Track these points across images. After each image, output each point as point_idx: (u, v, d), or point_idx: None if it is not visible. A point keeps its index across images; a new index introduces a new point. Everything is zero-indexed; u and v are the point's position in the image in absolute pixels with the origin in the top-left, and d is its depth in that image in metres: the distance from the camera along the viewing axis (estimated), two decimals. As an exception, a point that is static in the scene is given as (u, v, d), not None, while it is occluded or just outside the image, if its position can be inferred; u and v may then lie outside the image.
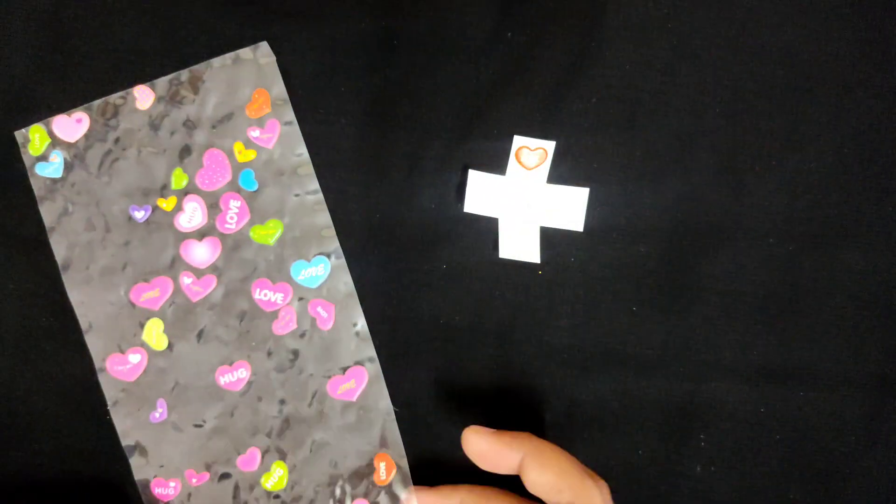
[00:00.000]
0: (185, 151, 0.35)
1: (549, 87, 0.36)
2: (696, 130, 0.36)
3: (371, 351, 0.36)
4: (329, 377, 0.35)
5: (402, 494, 0.35)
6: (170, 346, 0.35)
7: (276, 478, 0.35)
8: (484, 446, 0.31)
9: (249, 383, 0.35)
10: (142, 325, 0.35)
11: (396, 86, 0.37)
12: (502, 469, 0.31)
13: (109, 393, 0.35)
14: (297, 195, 0.35)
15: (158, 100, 0.35)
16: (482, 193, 0.36)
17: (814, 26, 0.36)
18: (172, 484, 0.35)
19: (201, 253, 0.35)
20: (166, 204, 0.35)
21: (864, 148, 0.36)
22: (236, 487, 0.35)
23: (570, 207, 0.36)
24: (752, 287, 0.36)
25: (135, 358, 0.35)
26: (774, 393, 0.37)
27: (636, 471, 0.37)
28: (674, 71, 0.36)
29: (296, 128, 0.35)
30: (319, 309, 0.35)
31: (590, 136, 0.36)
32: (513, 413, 0.37)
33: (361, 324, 0.36)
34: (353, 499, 0.35)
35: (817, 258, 0.36)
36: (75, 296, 0.35)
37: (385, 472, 0.35)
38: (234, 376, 0.35)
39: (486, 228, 0.37)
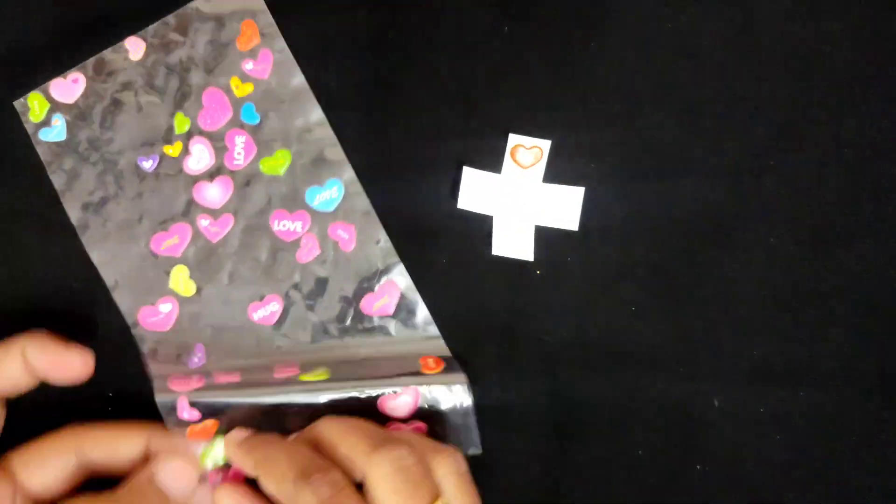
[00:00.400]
0: (184, 95, 0.35)
1: (546, 84, 0.36)
2: (695, 129, 0.36)
3: (398, 264, 0.36)
4: (361, 297, 0.35)
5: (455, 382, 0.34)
6: (198, 291, 0.35)
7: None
8: (231, 455, 0.32)
9: (283, 315, 0.36)
10: (167, 274, 0.35)
11: (390, 80, 0.36)
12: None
13: (145, 346, 0.35)
14: (300, 121, 0.35)
15: (150, 48, 0.35)
16: (477, 191, 0.36)
17: (814, 26, 0.36)
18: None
19: (214, 193, 0.35)
20: (172, 150, 0.35)
21: (864, 148, 0.36)
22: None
23: (565, 207, 0.36)
24: (752, 287, 0.36)
25: (166, 307, 0.35)
26: (774, 393, 0.36)
27: (636, 471, 0.37)
28: (673, 70, 0.36)
29: (288, 54, 0.35)
30: (340, 231, 0.35)
31: (587, 135, 0.36)
32: (513, 413, 0.37)
33: (384, 239, 0.36)
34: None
35: (817, 258, 0.36)
36: (96, 256, 0.35)
37: (434, 364, 0.35)
38: (267, 310, 0.35)
39: (480, 226, 0.36)
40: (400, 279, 0.36)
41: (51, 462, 0.32)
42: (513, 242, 0.36)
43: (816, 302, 0.36)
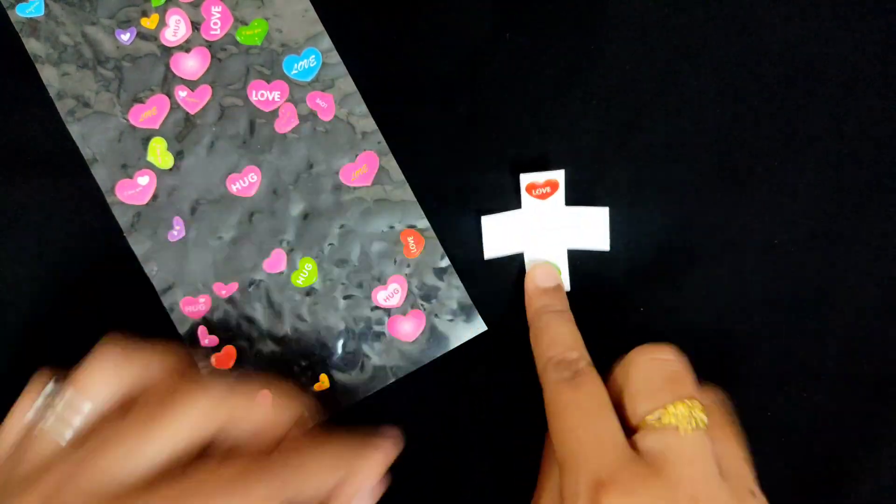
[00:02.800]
0: None
1: (549, 88, 0.36)
2: (697, 130, 0.36)
3: (376, 131, 0.35)
4: (340, 166, 0.35)
5: (440, 262, 0.35)
6: (176, 163, 0.35)
7: (306, 273, 0.35)
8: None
9: (261, 186, 0.35)
10: (145, 146, 0.35)
11: (391, 91, 0.36)
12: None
13: (123, 220, 0.35)
14: (276, -9, 0.35)
15: None
16: (500, 235, 0.35)
17: (814, 26, 0.36)
18: (202, 300, 0.35)
19: (191, 64, 0.35)
20: (149, 22, 0.35)
21: (864, 148, 0.36)
22: (267, 291, 0.35)
23: (593, 228, 0.35)
24: (752, 287, 0.36)
25: (143, 180, 0.35)
26: (776, 393, 0.36)
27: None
28: (674, 71, 0.36)
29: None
30: (318, 101, 0.35)
31: (589, 137, 0.36)
32: (513, 413, 0.36)
33: (362, 109, 0.35)
34: (387, 277, 0.35)
35: (817, 258, 0.36)
36: (75, 129, 0.35)
37: (414, 244, 0.35)
38: (245, 181, 0.35)
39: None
40: (379, 147, 0.35)
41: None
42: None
43: (817, 302, 0.36)
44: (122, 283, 0.36)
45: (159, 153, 0.35)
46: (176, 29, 0.35)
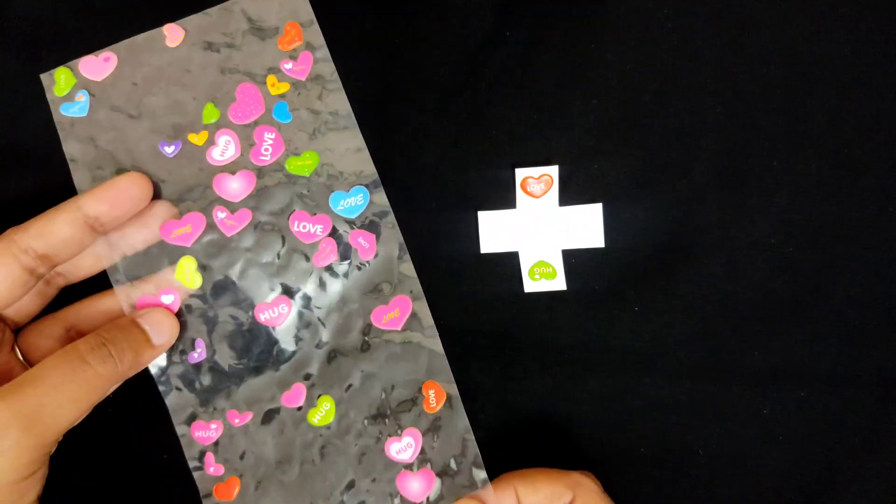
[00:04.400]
0: (217, 86, 0.35)
1: (549, 87, 0.37)
2: (697, 130, 0.36)
3: (414, 279, 0.35)
4: (373, 307, 0.35)
5: (458, 424, 0.34)
6: (204, 284, 0.34)
7: (323, 412, 0.34)
8: None
9: (291, 318, 0.35)
10: (174, 263, 0.34)
11: (392, 90, 0.36)
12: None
13: (142, 336, 0.34)
14: (331, 126, 0.35)
15: (188, 37, 0.35)
16: (496, 231, 0.37)
17: (814, 26, 0.36)
18: (214, 426, 0.34)
19: (235, 186, 0.35)
20: (197, 138, 0.35)
21: (864, 148, 0.36)
22: (282, 424, 0.34)
23: (587, 226, 0.37)
24: (753, 287, 0.37)
25: (167, 298, 0.34)
26: (775, 393, 0.37)
27: (637, 471, 0.37)
28: (674, 71, 0.36)
29: (328, 59, 0.35)
30: (360, 239, 0.35)
31: (590, 137, 0.37)
32: (514, 413, 0.37)
33: (403, 252, 0.35)
34: (403, 429, 0.34)
35: (817, 258, 0.36)
36: (100, 237, 0.34)
37: (435, 399, 0.35)
38: (276, 312, 0.34)
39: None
40: (413, 294, 0.35)
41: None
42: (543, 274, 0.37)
43: (816, 302, 0.36)
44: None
45: (188, 273, 0.34)
46: (224, 149, 0.35)
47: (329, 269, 0.35)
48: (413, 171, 0.36)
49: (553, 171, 0.36)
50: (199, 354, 0.34)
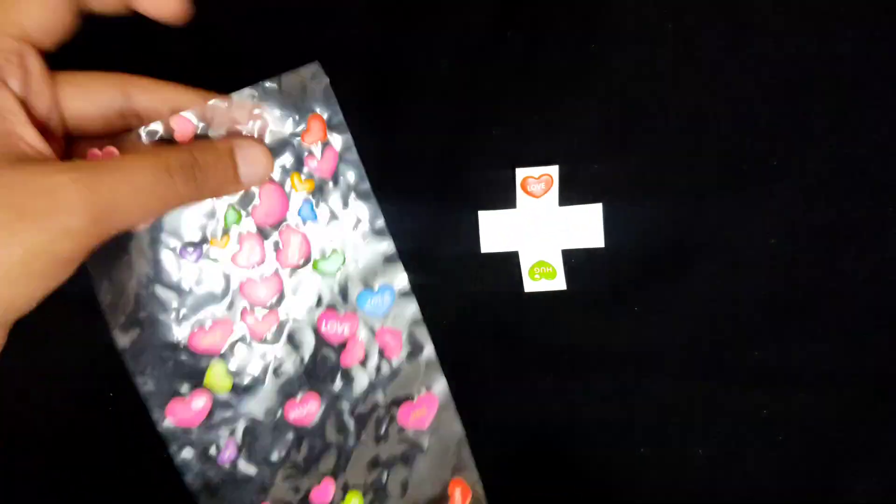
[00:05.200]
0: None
1: (550, 88, 0.36)
2: (697, 131, 0.36)
3: (441, 376, 0.36)
4: (399, 405, 0.36)
5: None
6: (235, 387, 0.34)
7: None
8: None
9: (320, 416, 0.35)
10: (204, 370, 0.34)
11: (392, 90, 0.36)
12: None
13: (173, 439, 0.34)
14: (358, 223, 0.34)
15: (199, 130, 0.33)
16: (496, 231, 0.37)
17: (814, 26, 0.36)
18: (246, 522, 0.35)
19: (262, 291, 0.34)
20: (220, 244, 0.33)
21: (864, 148, 0.36)
22: None
23: (587, 226, 0.36)
24: (753, 287, 0.37)
25: (198, 403, 0.34)
26: (775, 393, 0.37)
27: (637, 470, 0.38)
28: (675, 72, 0.36)
29: (354, 154, 0.34)
30: (387, 338, 0.35)
31: (590, 137, 0.36)
32: (514, 413, 0.38)
33: (430, 350, 0.36)
34: None
35: (817, 258, 0.36)
36: (124, 340, 0.33)
37: (461, 498, 0.36)
38: (304, 410, 0.35)
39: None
40: (440, 392, 0.36)
41: (95, 90, 0.29)
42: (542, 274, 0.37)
43: (816, 303, 0.36)
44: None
45: (218, 378, 0.34)
46: (250, 254, 0.33)
47: (357, 367, 0.35)
48: (413, 171, 0.36)
49: (553, 171, 0.36)
50: (229, 455, 0.34)
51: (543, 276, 0.37)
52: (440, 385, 0.36)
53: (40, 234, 0.24)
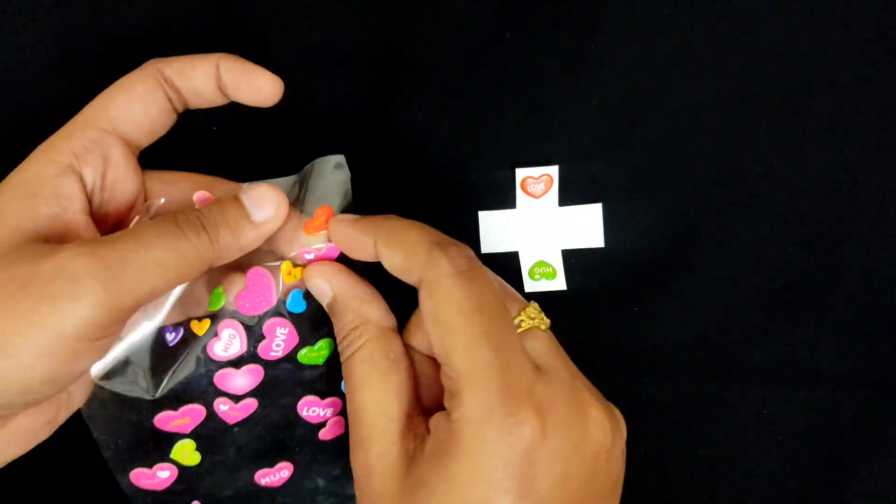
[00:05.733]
0: (227, 267, 0.28)
1: (549, 87, 0.35)
2: (697, 130, 0.35)
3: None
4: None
5: None
6: (202, 462, 0.32)
7: None
8: (342, 234, 0.29)
9: (291, 481, 0.34)
10: (170, 446, 0.31)
11: (392, 90, 0.35)
12: (366, 256, 0.29)
13: (137, 497, 0.32)
14: (350, 315, 0.30)
15: None
16: (496, 232, 0.36)
17: (814, 26, 0.35)
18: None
19: (240, 381, 0.30)
20: (199, 328, 0.29)
21: (864, 148, 0.36)
22: None
23: (587, 226, 0.36)
24: (753, 287, 0.37)
25: (163, 474, 0.32)
26: (775, 393, 0.37)
27: (636, 470, 0.38)
28: (674, 71, 0.35)
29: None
30: (369, 418, 0.33)
31: (589, 137, 0.35)
32: None
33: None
34: None
35: (818, 258, 0.36)
36: (87, 410, 0.30)
37: None
38: (277, 476, 0.34)
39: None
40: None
41: (178, 189, 0.30)
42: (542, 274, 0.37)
43: (816, 302, 0.37)
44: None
45: (186, 454, 0.32)
46: (228, 344, 0.29)
47: (334, 441, 0.34)
48: (413, 172, 0.35)
49: (553, 171, 0.36)
50: (195, 517, 0.33)
51: (544, 276, 0.37)
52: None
53: (61, 318, 0.23)
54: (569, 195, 0.36)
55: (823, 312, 0.36)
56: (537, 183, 0.36)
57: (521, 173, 0.36)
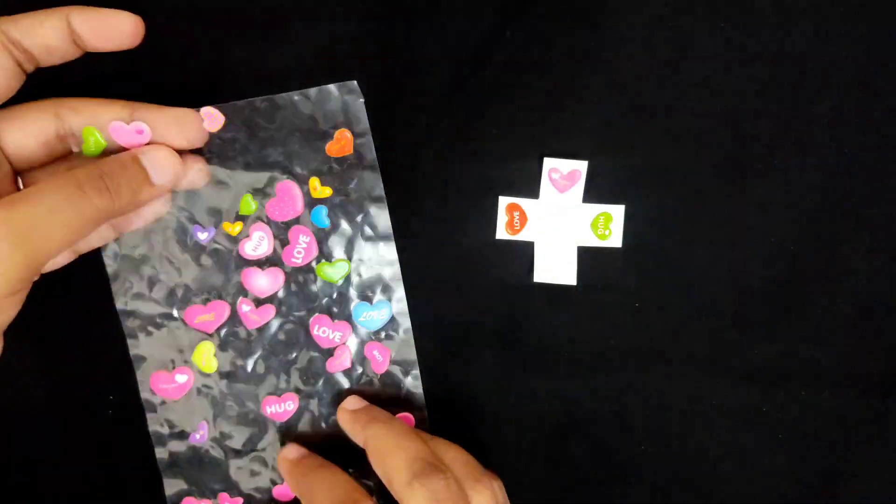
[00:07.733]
0: (257, 179, 0.34)
1: (549, 87, 0.36)
2: (697, 130, 0.36)
3: (421, 401, 0.36)
4: (376, 419, 0.36)
5: None
6: (219, 371, 0.35)
7: None
8: (341, 420, 0.34)
9: (295, 416, 0.36)
10: (192, 346, 0.35)
11: (393, 89, 0.35)
12: (360, 444, 0.33)
13: (151, 409, 0.35)
14: (368, 238, 0.35)
15: (229, 123, 0.33)
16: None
17: (814, 26, 0.35)
18: (205, 504, 0.35)
19: (263, 282, 0.35)
20: (232, 228, 0.34)
21: (864, 148, 0.36)
22: None
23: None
24: (753, 286, 0.36)
25: (181, 378, 0.35)
26: (775, 393, 0.37)
27: (636, 469, 0.38)
28: (674, 71, 0.36)
29: (377, 172, 0.34)
30: (375, 352, 0.35)
31: (589, 136, 0.36)
32: (513, 412, 0.37)
33: (414, 373, 0.36)
34: None
35: (818, 258, 0.36)
36: (122, 306, 0.34)
37: None
38: (282, 407, 0.35)
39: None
40: (417, 414, 0.36)
41: (30, 120, 0.30)
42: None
43: (817, 302, 0.36)
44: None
45: (205, 357, 0.35)
46: (258, 245, 0.34)
47: (340, 374, 0.36)
48: (412, 169, 0.36)
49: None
50: (200, 436, 0.35)
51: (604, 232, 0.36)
52: (419, 408, 0.36)
53: None
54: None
55: (824, 312, 0.36)
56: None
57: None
